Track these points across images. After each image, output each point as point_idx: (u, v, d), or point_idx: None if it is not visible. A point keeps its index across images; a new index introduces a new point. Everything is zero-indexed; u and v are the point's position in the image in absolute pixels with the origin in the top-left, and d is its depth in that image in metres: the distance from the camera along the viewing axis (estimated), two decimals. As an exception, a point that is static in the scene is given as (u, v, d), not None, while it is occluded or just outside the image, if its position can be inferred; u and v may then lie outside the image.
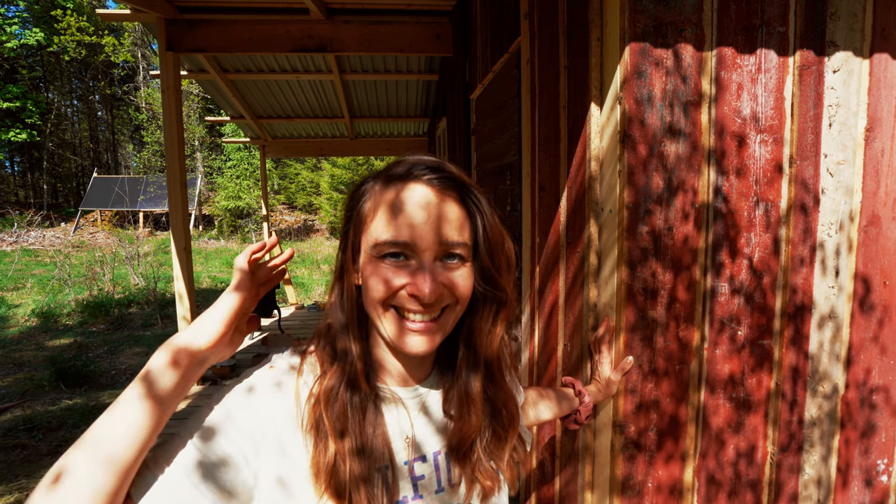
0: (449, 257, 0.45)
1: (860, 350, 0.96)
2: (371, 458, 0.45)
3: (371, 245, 0.45)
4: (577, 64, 1.02)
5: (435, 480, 0.50)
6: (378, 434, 0.46)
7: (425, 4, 2.90)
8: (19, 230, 11.22)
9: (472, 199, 0.46)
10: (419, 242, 0.43)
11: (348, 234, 0.48)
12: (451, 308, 0.46)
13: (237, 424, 0.43)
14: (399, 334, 0.45)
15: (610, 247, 0.91)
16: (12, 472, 2.62)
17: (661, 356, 0.89)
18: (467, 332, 0.50)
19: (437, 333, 0.46)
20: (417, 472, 0.49)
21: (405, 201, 0.44)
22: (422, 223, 0.43)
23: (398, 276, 0.44)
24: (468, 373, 0.50)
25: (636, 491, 0.90)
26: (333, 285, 0.50)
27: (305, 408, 0.46)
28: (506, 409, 0.52)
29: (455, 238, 0.44)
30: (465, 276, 0.46)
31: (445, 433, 0.51)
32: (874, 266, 0.95)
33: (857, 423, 0.97)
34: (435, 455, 0.50)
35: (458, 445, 0.49)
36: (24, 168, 17.86)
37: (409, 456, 0.49)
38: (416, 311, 0.44)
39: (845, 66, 0.90)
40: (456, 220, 0.45)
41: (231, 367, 3.57)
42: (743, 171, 0.88)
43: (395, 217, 0.43)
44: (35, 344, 5.14)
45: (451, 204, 0.45)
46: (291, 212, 15.65)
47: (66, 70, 17.32)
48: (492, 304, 0.49)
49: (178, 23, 2.94)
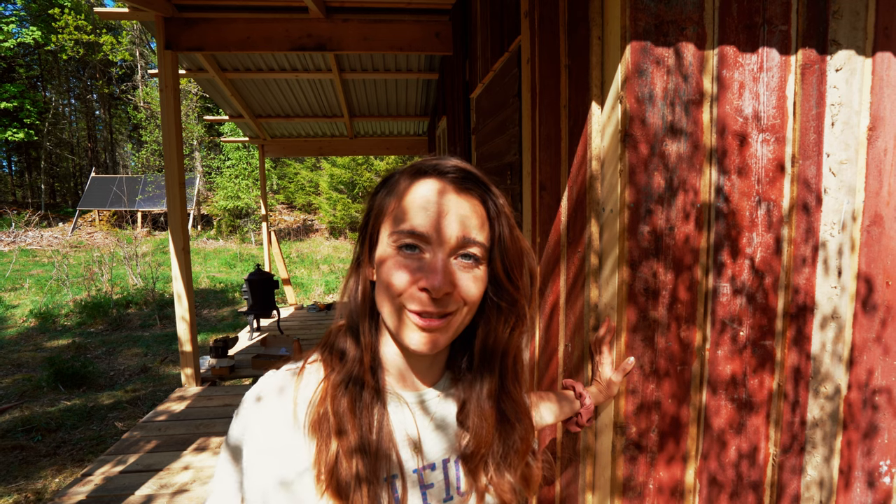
0: (465, 256, 0.44)
1: (863, 351, 0.95)
2: (376, 458, 0.44)
3: (389, 235, 0.44)
4: (578, 62, 1.02)
5: (444, 489, 0.48)
6: (384, 434, 0.45)
7: (425, 3, 2.90)
8: (17, 230, 11.18)
9: (495, 202, 0.46)
10: (436, 235, 0.43)
11: (367, 225, 0.48)
12: (459, 310, 0.45)
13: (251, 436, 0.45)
14: (405, 330, 0.44)
15: (611, 247, 0.90)
16: (11, 473, 2.61)
17: (662, 357, 0.89)
18: (482, 340, 0.49)
19: (444, 333, 0.45)
20: (427, 480, 0.48)
21: (427, 195, 0.44)
22: (442, 218, 0.43)
23: (411, 270, 0.43)
24: (482, 382, 0.49)
25: (637, 492, 0.90)
26: (348, 279, 0.49)
27: (308, 409, 0.45)
28: (520, 422, 0.51)
29: (473, 236, 0.44)
30: (478, 278, 0.45)
31: (455, 441, 0.50)
32: (877, 266, 0.94)
33: (860, 425, 0.97)
34: (444, 463, 0.49)
35: (471, 456, 0.49)
36: (22, 167, 17.81)
37: (418, 464, 0.48)
38: (424, 307, 0.43)
39: (848, 65, 0.89)
40: (475, 219, 0.44)
41: (230, 368, 3.56)
42: (745, 171, 0.88)
43: (416, 209, 0.43)
44: (33, 345, 5.13)
45: (473, 202, 0.45)
46: (290, 211, 15.63)
47: (64, 69, 17.26)
48: (508, 315, 0.48)
49: (176, 21, 2.93)
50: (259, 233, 12.42)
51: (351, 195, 13.38)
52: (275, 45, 2.99)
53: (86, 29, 14.08)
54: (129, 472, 2.13)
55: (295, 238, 13.44)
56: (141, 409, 3.47)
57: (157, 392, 3.83)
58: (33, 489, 2.43)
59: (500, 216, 0.46)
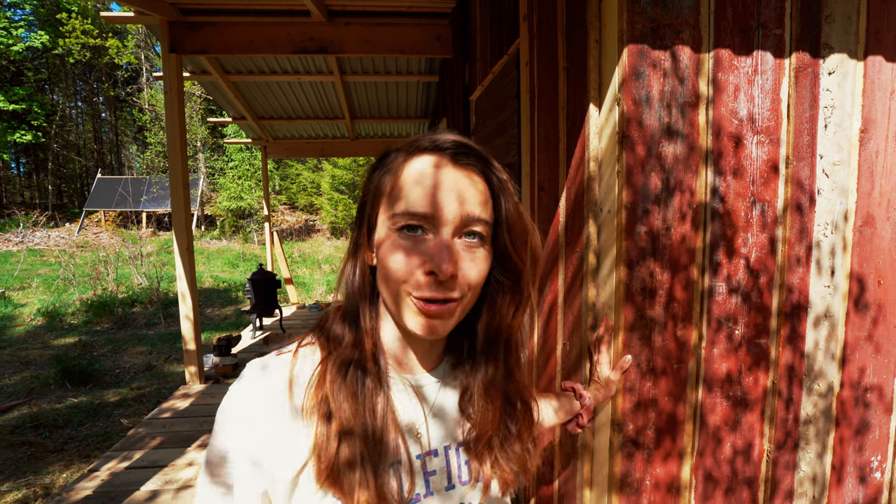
0: (469, 235, 0.42)
1: (855, 349, 0.96)
2: (379, 444, 0.42)
3: (388, 217, 0.42)
4: (576, 65, 1.03)
5: (446, 477, 0.47)
6: (387, 420, 0.43)
7: (425, 6, 2.92)
8: (25, 230, 11.30)
9: (497, 176, 0.43)
10: (439, 214, 0.40)
11: (365, 207, 0.45)
12: (465, 295, 0.42)
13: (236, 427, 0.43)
14: (409, 315, 0.42)
15: (608, 247, 0.92)
16: (20, 468, 2.65)
17: (659, 355, 0.90)
18: (486, 323, 0.46)
19: (451, 317, 0.42)
20: (429, 467, 0.46)
21: (426, 173, 0.41)
22: (443, 195, 0.40)
23: (415, 253, 0.40)
24: (487, 367, 0.47)
25: (634, 488, 0.91)
26: (345, 263, 0.47)
27: (307, 391, 0.43)
28: (524, 405, 0.49)
29: (477, 213, 0.41)
30: (482, 258, 0.43)
31: (457, 427, 0.48)
32: (869, 266, 0.95)
33: (852, 421, 0.98)
34: (446, 449, 0.47)
35: (475, 442, 0.47)
36: (30, 169, 17.98)
37: (421, 449, 0.46)
38: (430, 292, 0.40)
39: (840, 69, 0.91)
40: (479, 195, 0.42)
41: (233, 367, 3.59)
42: (740, 172, 0.89)
43: (414, 188, 0.41)
44: (41, 343, 5.19)
45: (475, 178, 0.42)
46: (293, 212, 15.69)
47: (71, 72, 17.42)
48: (513, 296, 0.45)
49: (180, 25, 2.96)
50: (262, 233, 12.47)
51: (352, 196, 13.41)
52: (277, 48, 3.02)
53: (92, 33, 14.22)
54: (135, 467, 2.16)
55: (297, 238, 13.49)
56: (146, 407, 3.50)
57: (161, 389, 3.87)
58: (41, 484, 2.47)
59: (504, 191, 0.43)
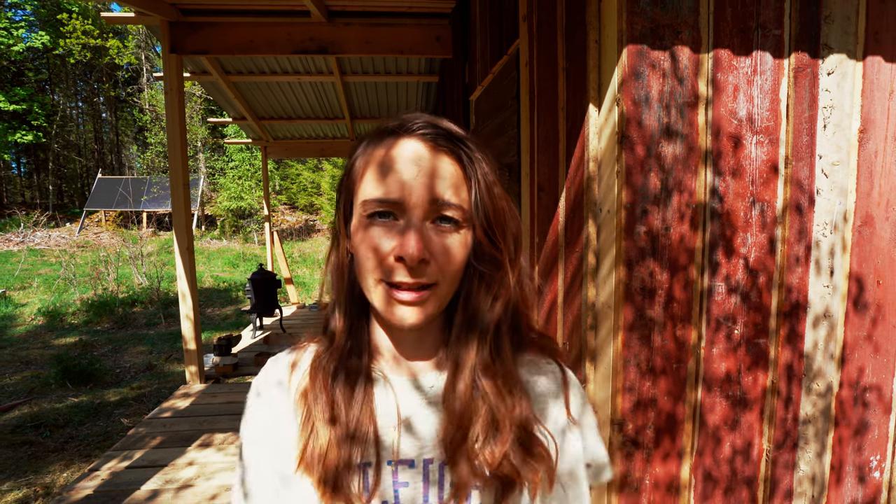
0: (442, 219, 0.40)
1: (854, 349, 0.96)
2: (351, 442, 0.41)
3: (359, 204, 0.42)
4: (576, 65, 1.03)
5: (421, 494, 0.43)
6: (365, 414, 0.43)
7: (425, 7, 2.92)
8: (25, 230, 11.31)
9: (470, 156, 0.42)
10: (408, 199, 0.39)
11: (340, 196, 0.45)
12: (441, 281, 0.41)
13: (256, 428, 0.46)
14: (385, 304, 0.41)
15: (608, 246, 0.92)
16: (20, 468, 2.65)
17: (658, 355, 0.90)
18: (462, 311, 0.44)
19: (428, 305, 0.41)
20: (401, 478, 0.43)
21: (395, 157, 0.40)
22: (411, 179, 0.39)
23: (386, 239, 0.40)
24: (462, 359, 0.44)
25: (634, 488, 0.92)
26: (329, 254, 0.47)
27: (301, 378, 0.45)
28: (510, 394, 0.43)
29: (448, 197, 0.40)
30: (458, 242, 0.41)
31: (438, 432, 0.44)
32: (868, 266, 0.96)
33: (851, 421, 0.98)
34: (426, 463, 0.43)
35: (451, 441, 0.42)
36: (31, 169, 18.00)
37: (394, 455, 0.43)
38: (401, 278, 0.40)
39: (839, 69, 0.91)
40: (450, 178, 0.41)
41: (233, 366, 3.59)
42: (739, 172, 0.90)
43: (383, 173, 0.40)
44: (41, 342, 5.19)
45: (446, 160, 0.41)
46: (293, 212, 15.70)
47: (72, 72, 17.43)
48: (490, 283, 0.43)
49: (181, 25, 2.97)
50: (262, 233, 12.47)
51: (353, 196, 13.41)
52: (277, 49, 3.02)
53: (93, 33, 14.24)
54: (135, 467, 2.16)
55: (297, 238, 13.50)
56: (146, 406, 3.51)
57: (162, 389, 3.88)
58: (42, 483, 2.48)
59: (478, 174, 0.42)
